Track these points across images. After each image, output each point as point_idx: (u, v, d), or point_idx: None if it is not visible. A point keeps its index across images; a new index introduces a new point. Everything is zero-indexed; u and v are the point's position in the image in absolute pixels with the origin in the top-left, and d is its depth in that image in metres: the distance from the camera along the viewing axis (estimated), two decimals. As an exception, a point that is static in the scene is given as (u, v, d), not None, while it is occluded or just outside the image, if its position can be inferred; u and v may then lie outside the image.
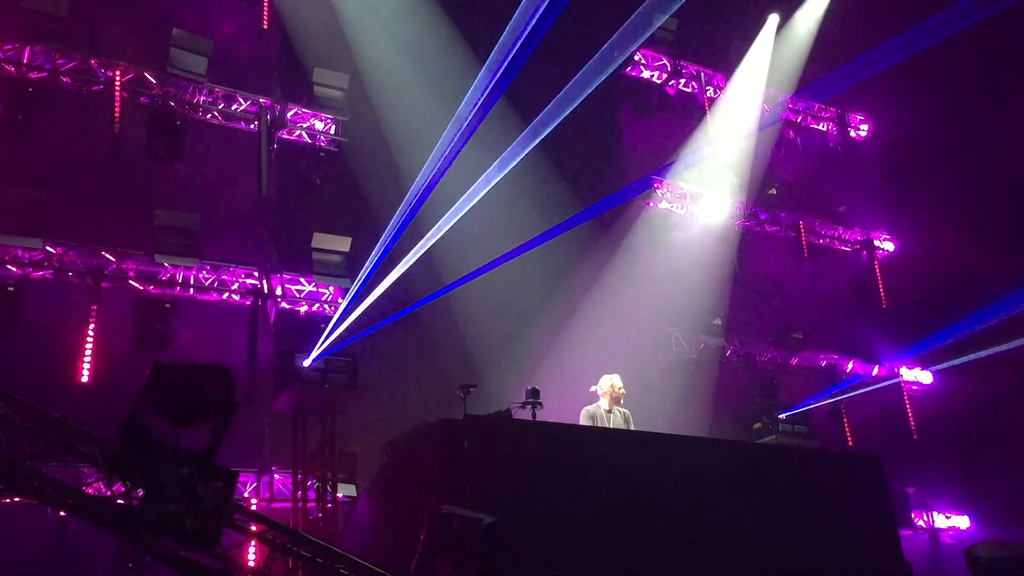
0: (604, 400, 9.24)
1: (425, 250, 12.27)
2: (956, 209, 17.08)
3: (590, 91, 13.45)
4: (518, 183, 13.27)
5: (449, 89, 13.00)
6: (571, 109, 13.17)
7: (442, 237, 12.59)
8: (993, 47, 16.71)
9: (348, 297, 12.24)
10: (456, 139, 12.32)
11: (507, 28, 12.54)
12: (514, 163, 12.66)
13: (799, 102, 18.90)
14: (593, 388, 9.35)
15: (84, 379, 11.14)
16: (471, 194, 12.36)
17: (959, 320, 15.55)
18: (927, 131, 18.32)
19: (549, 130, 13.00)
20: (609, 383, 9.30)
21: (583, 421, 9.05)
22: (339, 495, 11.35)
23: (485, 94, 13.72)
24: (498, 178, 12.46)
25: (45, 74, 12.12)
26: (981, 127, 17.16)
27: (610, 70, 14.09)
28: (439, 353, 13.35)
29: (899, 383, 17.70)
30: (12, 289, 11.15)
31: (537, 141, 12.99)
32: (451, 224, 12.45)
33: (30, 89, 11.86)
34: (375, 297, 11.84)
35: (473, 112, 13.11)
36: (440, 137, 12.27)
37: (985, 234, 16.62)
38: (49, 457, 5.09)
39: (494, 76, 14.05)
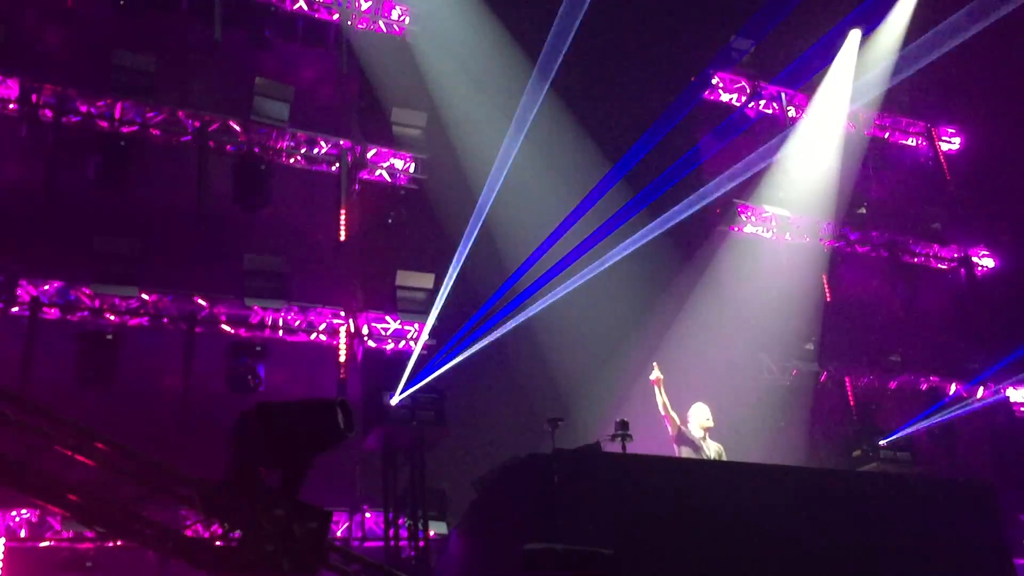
0: (696, 428, 9.14)
1: (526, 314, 12.08)
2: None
3: (671, 117, 13.33)
4: (598, 214, 13.17)
5: (524, 120, 13.02)
6: (652, 137, 13.06)
7: (520, 260, 12.47)
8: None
9: (428, 331, 12.21)
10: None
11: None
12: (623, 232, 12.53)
13: (885, 118, 18.40)
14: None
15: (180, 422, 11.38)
16: (584, 272, 12.29)
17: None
18: (1021, 140, 17.63)
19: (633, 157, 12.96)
20: (704, 413, 9.23)
21: (682, 442, 8.94)
22: (431, 533, 11.30)
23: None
24: (612, 248, 12.43)
25: (136, 128, 12.55)
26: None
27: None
28: (526, 386, 13.24)
29: (1007, 403, 16.88)
30: (111, 338, 11.46)
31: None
32: (557, 293, 12.30)
33: (122, 143, 12.30)
34: (472, 351, 11.67)
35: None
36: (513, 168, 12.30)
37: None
38: (149, 500, 5.15)
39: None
